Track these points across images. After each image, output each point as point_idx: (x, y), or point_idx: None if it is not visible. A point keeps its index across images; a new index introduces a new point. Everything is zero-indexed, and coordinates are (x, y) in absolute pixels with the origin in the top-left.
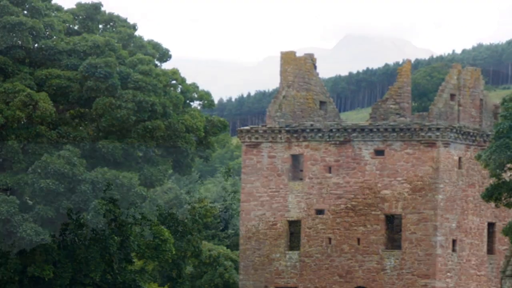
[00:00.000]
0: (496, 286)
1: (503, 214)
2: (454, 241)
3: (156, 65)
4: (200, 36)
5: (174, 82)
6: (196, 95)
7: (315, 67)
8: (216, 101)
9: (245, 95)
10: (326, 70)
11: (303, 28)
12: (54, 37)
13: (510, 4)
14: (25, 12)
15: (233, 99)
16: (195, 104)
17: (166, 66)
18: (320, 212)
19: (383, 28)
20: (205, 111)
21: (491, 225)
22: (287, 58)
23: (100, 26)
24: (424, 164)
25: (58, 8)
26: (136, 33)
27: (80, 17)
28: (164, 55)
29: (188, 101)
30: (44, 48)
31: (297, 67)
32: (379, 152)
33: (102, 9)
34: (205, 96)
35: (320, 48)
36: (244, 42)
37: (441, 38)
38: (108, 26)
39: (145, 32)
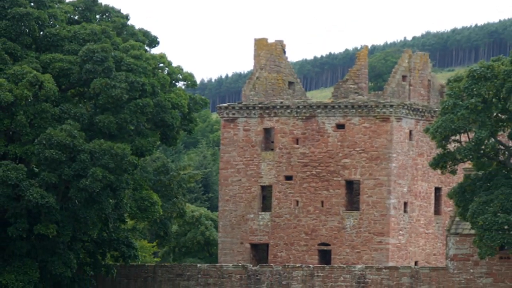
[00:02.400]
0: (442, 242)
1: (448, 180)
2: (405, 204)
3: (146, 50)
4: (189, 26)
5: (161, 65)
6: (180, 76)
7: (284, 52)
8: (198, 81)
9: (223, 76)
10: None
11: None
12: (57, 26)
13: None
14: (32, 4)
15: (213, 80)
16: (180, 84)
17: (155, 51)
18: (288, 178)
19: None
20: (189, 90)
21: (437, 190)
22: (260, 44)
23: (97, 16)
24: (379, 137)
25: (61, 1)
26: (129, 23)
27: (80, 8)
28: (153, 42)
29: (173, 82)
30: (49, 35)
31: (269, 52)
32: (340, 126)
33: (99, 1)
34: (188, 77)
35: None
36: (229, 29)
37: (394, 26)
38: (104, 16)
39: (136, 21)
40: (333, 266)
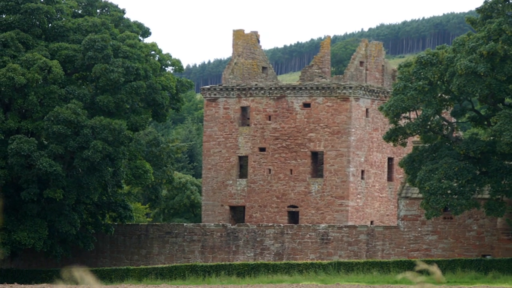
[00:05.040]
0: (394, 205)
1: (399, 151)
2: (362, 172)
3: (139, 40)
4: (177, 19)
5: (153, 52)
6: (169, 62)
7: (258, 41)
8: (184, 66)
9: (206, 62)
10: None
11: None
12: (63, 19)
13: None
14: (42, 0)
15: (197, 65)
16: (169, 69)
17: (147, 40)
18: (262, 149)
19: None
20: (176, 74)
21: (390, 159)
22: (238, 34)
23: (98, 10)
24: (340, 114)
25: None
26: (125, 16)
27: (83, 3)
28: (146, 32)
29: (163, 67)
30: (56, 27)
31: (245, 41)
32: (306, 105)
33: None
34: (176, 63)
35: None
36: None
37: (353, 19)
38: (104, 10)
39: (131, 14)
40: (301, 225)
